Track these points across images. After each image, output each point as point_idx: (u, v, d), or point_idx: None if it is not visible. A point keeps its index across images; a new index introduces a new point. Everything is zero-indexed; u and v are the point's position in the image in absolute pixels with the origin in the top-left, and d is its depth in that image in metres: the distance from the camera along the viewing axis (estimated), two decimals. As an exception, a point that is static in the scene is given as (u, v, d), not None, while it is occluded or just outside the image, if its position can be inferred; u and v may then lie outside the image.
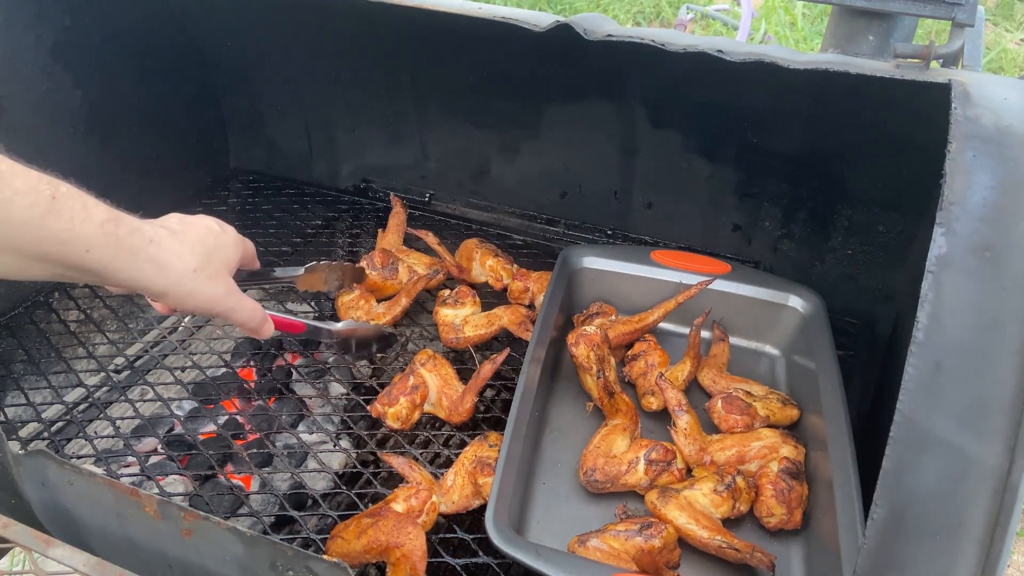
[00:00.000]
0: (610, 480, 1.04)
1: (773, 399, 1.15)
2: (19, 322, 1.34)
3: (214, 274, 0.90)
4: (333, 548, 0.96)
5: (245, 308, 0.96)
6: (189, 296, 0.87)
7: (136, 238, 0.80)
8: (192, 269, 0.86)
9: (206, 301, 0.89)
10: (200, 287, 0.88)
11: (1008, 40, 4.07)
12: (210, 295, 0.89)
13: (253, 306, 0.97)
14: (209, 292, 0.89)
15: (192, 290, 0.87)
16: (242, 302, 0.95)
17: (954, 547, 0.65)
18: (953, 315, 0.66)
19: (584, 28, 0.97)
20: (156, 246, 0.82)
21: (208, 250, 0.89)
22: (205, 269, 0.88)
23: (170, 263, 0.84)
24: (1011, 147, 0.72)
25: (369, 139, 1.65)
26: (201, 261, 0.88)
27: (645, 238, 1.50)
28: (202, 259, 0.88)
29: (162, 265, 0.83)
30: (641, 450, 1.04)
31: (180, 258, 0.85)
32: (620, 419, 1.10)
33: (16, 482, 0.89)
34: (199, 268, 0.87)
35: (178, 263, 0.85)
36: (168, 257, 0.84)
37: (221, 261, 0.92)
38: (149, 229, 0.83)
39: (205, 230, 0.91)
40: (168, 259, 0.84)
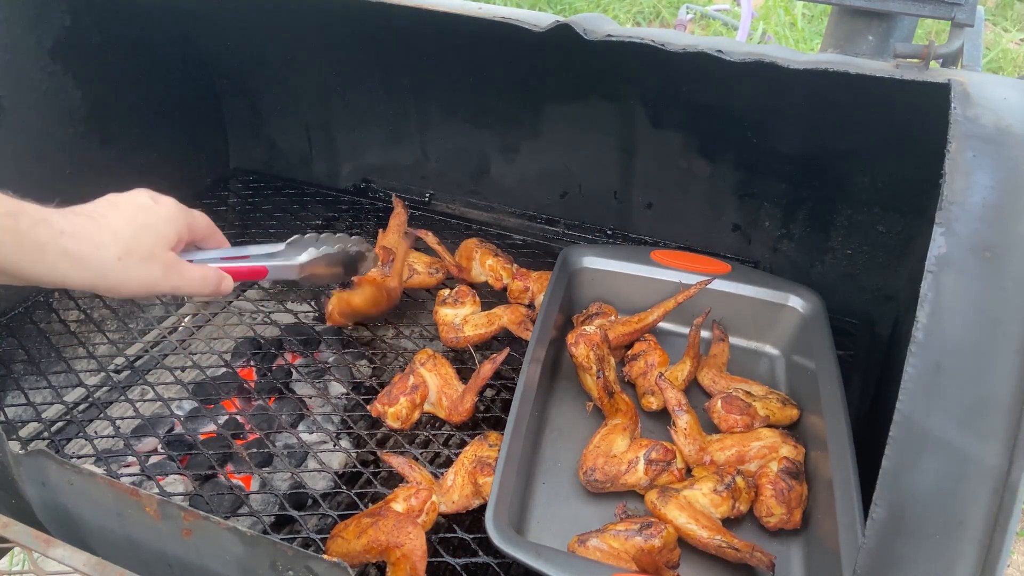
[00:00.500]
0: (610, 480, 1.04)
1: (773, 399, 1.15)
2: (19, 322, 1.34)
3: (146, 257, 0.82)
4: (333, 548, 0.96)
5: (191, 279, 0.88)
6: (121, 286, 0.80)
7: (41, 230, 0.73)
8: (116, 257, 0.78)
9: (141, 287, 0.82)
10: (130, 274, 0.80)
11: (1008, 40, 4.07)
12: (144, 280, 0.82)
13: (200, 272, 0.89)
14: (142, 277, 0.81)
15: (122, 280, 0.80)
16: (185, 276, 0.87)
17: (954, 547, 0.65)
18: (953, 315, 0.66)
19: (584, 28, 0.97)
20: (69, 237, 0.75)
21: (136, 231, 0.81)
22: (133, 254, 0.80)
23: (87, 254, 0.76)
24: (1011, 147, 0.72)
25: (369, 139, 1.65)
26: (127, 246, 0.80)
27: (645, 238, 1.50)
28: (128, 243, 0.80)
29: (78, 258, 0.76)
30: (641, 450, 1.04)
31: (99, 247, 0.77)
32: (620, 419, 1.10)
33: (16, 482, 0.89)
34: (125, 254, 0.79)
35: (97, 253, 0.77)
36: (84, 248, 0.76)
37: (153, 241, 0.83)
38: (60, 219, 0.75)
39: (134, 209, 0.83)
40: (84, 250, 0.76)
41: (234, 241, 1.02)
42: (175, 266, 0.86)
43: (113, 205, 0.82)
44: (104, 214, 0.80)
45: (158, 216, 0.85)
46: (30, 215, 0.73)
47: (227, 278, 0.94)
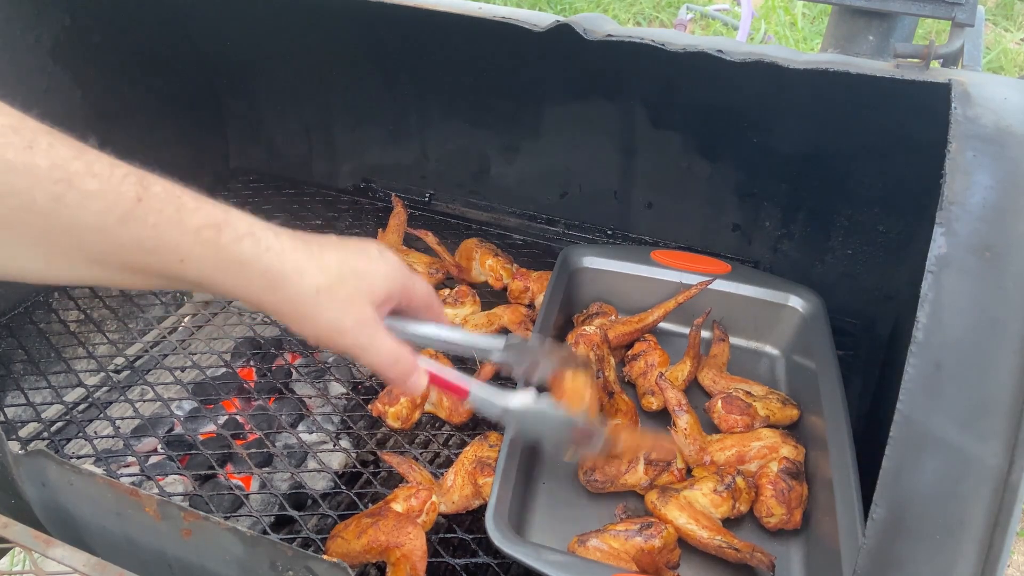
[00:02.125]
0: (610, 480, 1.04)
1: (773, 399, 1.15)
2: (19, 322, 1.34)
3: (345, 300, 0.73)
4: (333, 548, 0.96)
5: (382, 348, 0.76)
6: (307, 319, 0.72)
7: (246, 245, 0.68)
8: (316, 289, 0.71)
9: (328, 330, 0.73)
10: (321, 312, 0.72)
11: (1008, 40, 4.07)
12: (332, 323, 0.73)
13: (395, 349, 0.77)
14: (332, 320, 0.73)
15: (311, 313, 0.72)
16: (378, 341, 0.76)
17: (954, 547, 0.65)
18: (953, 315, 0.66)
19: (584, 28, 0.97)
20: (272, 255, 0.69)
21: (346, 272, 0.74)
22: (334, 291, 0.72)
23: (286, 277, 0.70)
24: (1011, 147, 0.72)
25: (369, 139, 1.65)
26: (329, 281, 0.72)
27: (645, 238, 1.50)
28: (332, 279, 0.72)
29: (276, 279, 0.69)
30: (640, 450, 1.04)
31: (301, 273, 0.70)
32: (620, 419, 1.10)
33: (16, 482, 0.89)
34: (325, 289, 0.71)
35: (296, 278, 0.70)
36: (285, 270, 0.70)
37: (360, 288, 0.75)
38: (268, 236, 0.70)
39: (354, 251, 0.76)
40: (284, 271, 0.70)
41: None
42: (370, 325, 0.75)
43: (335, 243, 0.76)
44: (321, 244, 0.74)
45: (376, 268, 0.77)
46: (235, 229, 0.68)
47: (422, 375, 0.79)
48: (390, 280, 0.78)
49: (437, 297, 0.84)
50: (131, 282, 0.66)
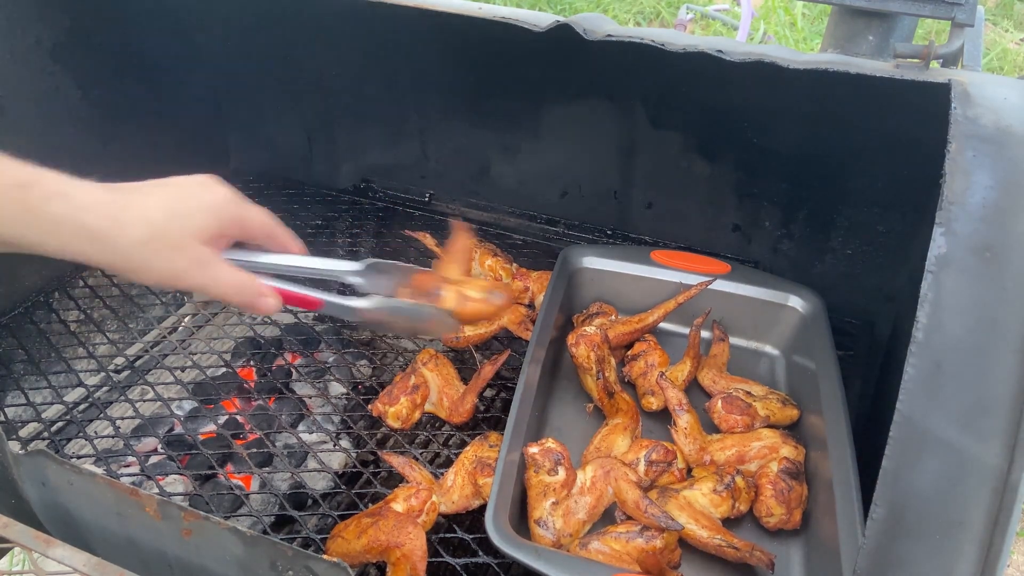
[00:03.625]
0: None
1: (773, 399, 1.15)
2: (19, 322, 1.34)
3: (173, 246, 0.75)
4: (333, 548, 0.96)
5: (224, 282, 0.79)
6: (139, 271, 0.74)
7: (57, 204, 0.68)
8: (140, 241, 0.72)
9: (166, 276, 0.75)
10: (151, 262, 0.74)
11: (1008, 40, 4.07)
12: (166, 271, 0.75)
13: (238, 279, 0.80)
14: (163, 267, 0.75)
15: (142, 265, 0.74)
16: (217, 276, 0.78)
17: (954, 547, 0.65)
18: (953, 315, 0.66)
19: (584, 28, 0.97)
20: (87, 212, 0.70)
21: (168, 217, 0.75)
22: (161, 239, 0.74)
23: (107, 233, 0.71)
24: (1011, 147, 0.72)
25: (369, 139, 1.65)
26: (152, 230, 0.73)
27: (645, 238, 1.50)
28: (154, 228, 0.73)
29: (95, 236, 0.70)
30: (642, 451, 1.04)
31: (121, 226, 0.72)
32: (620, 419, 1.10)
33: (16, 482, 0.89)
34: (148, 239, 0.73)
35: (118, 233, 0.71)
36: (105, 227, 0.71)
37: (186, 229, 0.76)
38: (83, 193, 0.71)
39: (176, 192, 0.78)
40: (104, 230, 0.71)
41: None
42: (205, 263, 0.77)
43: (158, 185, 0.77)
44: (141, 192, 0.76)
45: (199, 204, 0.78)
46: (46, 187, 0.69)
47: (272, 296, 0.83)
48: (220, 215, 0.79)
49: (280, 225, 0.85)
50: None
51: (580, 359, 1.15)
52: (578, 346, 1.15)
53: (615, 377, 1.19)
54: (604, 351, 1.16)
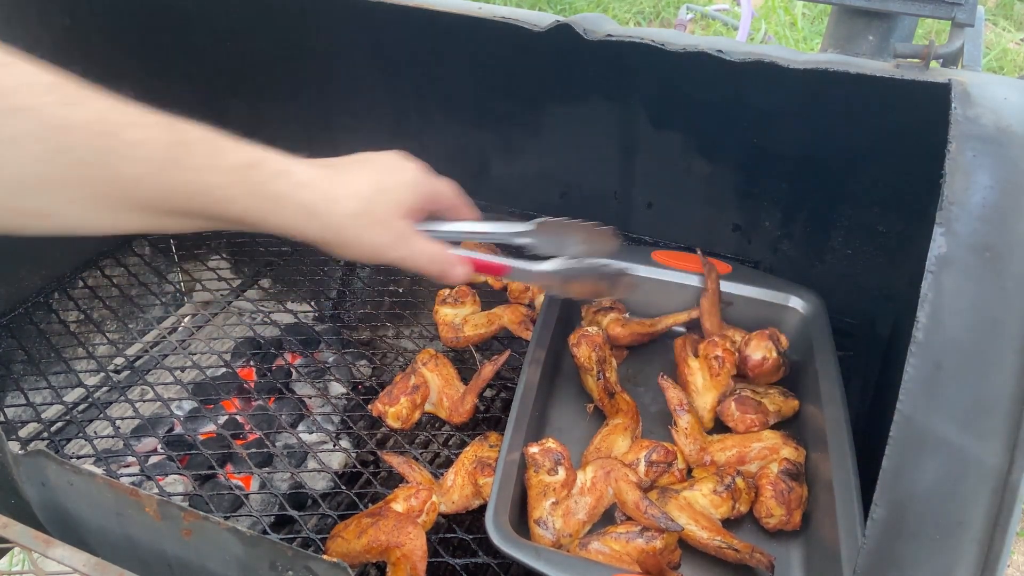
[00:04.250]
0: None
1: (775, 393, 1.16)
2: (19, 322, 1.34)
3: (379, 220, 0.79)
4: (333, 548, 0.96)
5: (420, 254, 0.83)
6: (351, 244, 0.78)
7: (280, 182, 0.73)
8: (350, 214, 0.77)
9: (371, 250, 0.80)
10: (361, 235, 0.78)
11: (1008, 40, 4.07)
12: (373, 244, 0.79)
13: (431, 250, 0.84)
14: (372, 241, 0.79)
15: (353, 238, 0.78)
16: (415, 249, 0.83)
17: (954, 547, 0.65)
18: (953, 315, 0.66)
19: (584, 28, 0.97)
20: (306, 189, 0.74)
21: (374, 193, 0.79)
22: (368, 214, 0.78)
23: (323, 209, 0.75)
24: (1011, 147, 0.72)
25: (369, 139, 1.64)
26: (362, 205, 0.78)
27: (645, 238, 1.50)
28: (364, 203, 0.78)
29: (312, 212, 0.75)
30: (642, 451, 1.04)
31: (335, 202, 0.76)
32: (621, 419, 1.10)
33: (16, 482, 0.89)
34: (360, 213, 0.77)
35: (332, 207, 0.76)
36: (320, 201, 0.75)
37: (390, 205, 0.81)
38: (301, 170, 0.75)
39: (379, 169, 0.83)
40: (320, 204, 0.75)
41: (233, 242, 1.00)
42: (406, 236, 0.82)
43: (361, 162, 0.82)
44: (349, 169, 0.80)
45: (400, 180, 0.83)
46: (270, 167, 0.73)
47: (462, 264, 0.88)
48: (417, 190, 0.84)
49: (462, 195, 0.90)
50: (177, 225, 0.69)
51: (581, 359, 1.15)
52: (579, 346, 1.15)
53: (616, 377, 1.19)
54: (605, 351, 1.16)
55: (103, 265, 1.48)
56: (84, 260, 1.47)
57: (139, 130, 0.64)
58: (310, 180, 0.75)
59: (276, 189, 0.72)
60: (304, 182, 0.75)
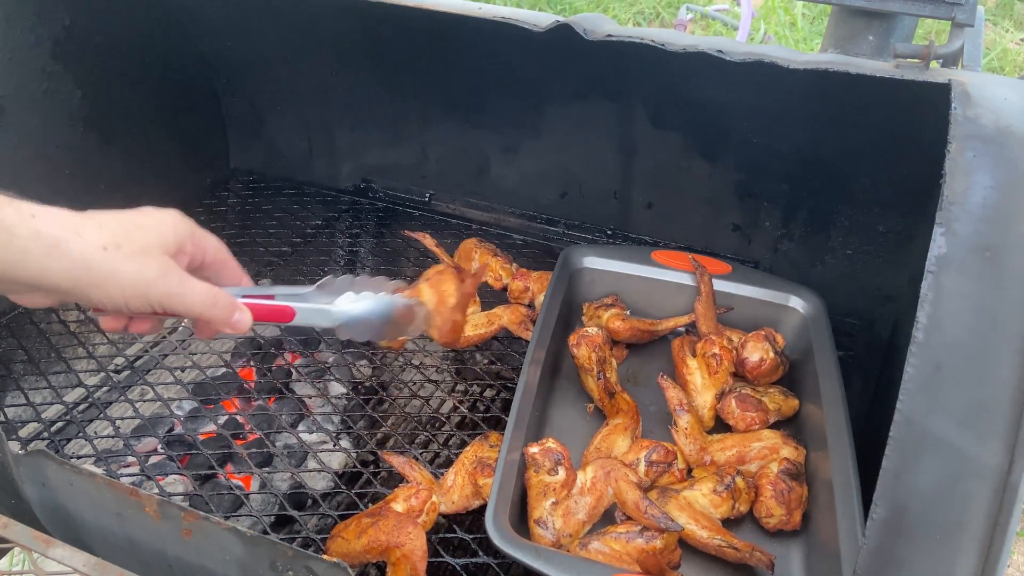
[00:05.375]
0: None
1: (775, 392, 1.16)
2: (19, 322, 1.34)
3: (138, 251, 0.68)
4: (333, 548, 0.96)
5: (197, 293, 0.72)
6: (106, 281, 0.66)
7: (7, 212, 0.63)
8: (101, 246, 0.66)
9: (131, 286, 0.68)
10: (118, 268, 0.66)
11: (1008, 40, 4.07)
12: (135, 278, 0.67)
13: (208, 290, 0.73)
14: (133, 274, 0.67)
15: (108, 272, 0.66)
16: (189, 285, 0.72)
17: (954, 547, 0.65)
18: (953, 315, 0.66)
19: (584, 28, 0.97)
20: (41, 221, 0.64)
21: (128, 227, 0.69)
22: (123, 246, 0.67)
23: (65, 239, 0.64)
24: (1011, 147, 0.72)
25: (369, 139, 1.65)
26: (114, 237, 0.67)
27: (645, 238, 1.50)
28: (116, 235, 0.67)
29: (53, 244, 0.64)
30: (642, 451, 1.04)
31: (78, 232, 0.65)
32: (621, 419, 1.10)
33: (16, 482, 0.89)
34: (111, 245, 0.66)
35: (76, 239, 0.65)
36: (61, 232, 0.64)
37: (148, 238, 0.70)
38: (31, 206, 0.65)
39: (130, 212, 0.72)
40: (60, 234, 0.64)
41: (233, 242, 0.99)
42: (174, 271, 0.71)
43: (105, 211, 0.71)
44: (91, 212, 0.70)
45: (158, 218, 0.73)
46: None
47: (243, 310, 0.77)
48: (176, 228, 0.73)
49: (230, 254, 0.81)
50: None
51: (581, 359, 1.15)
52: (579, 346, 1.15)
53: (616, 378, 1.19)
54: (606, 351, 1.16)
55: (103, 265, 1.48)
56: (84, 260, 1.47)
57: None
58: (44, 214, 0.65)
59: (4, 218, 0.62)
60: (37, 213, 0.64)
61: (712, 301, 1.26)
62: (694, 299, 1.27)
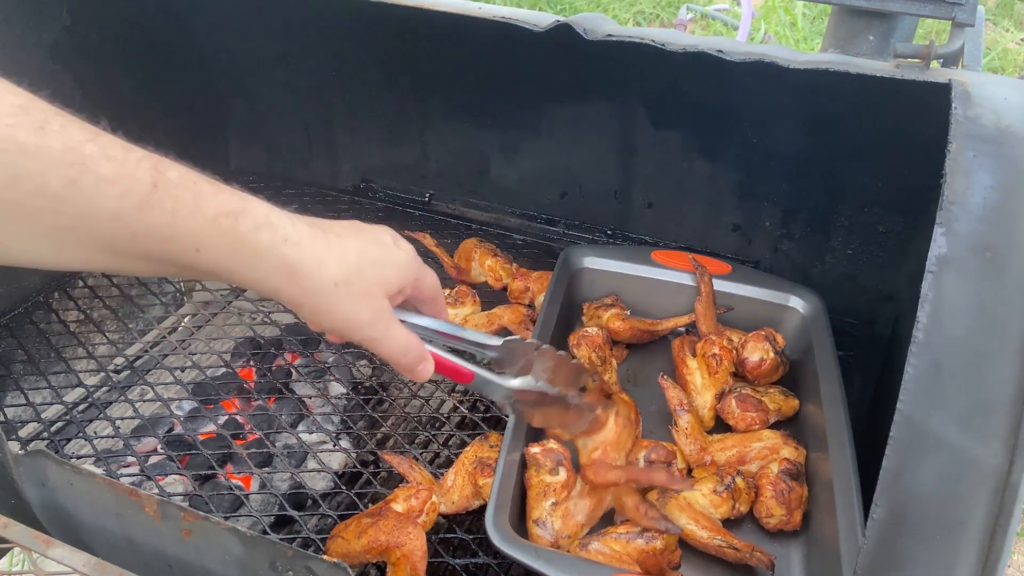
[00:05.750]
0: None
1: (775, 392, 1.16)
2: (19, 322, 1.34)
3: (361, 293, 0.73)
4: (333, 548, 0.96)
5: (394, 340, 0.77)
6: (325, 313, 0.72)
7: (264, 235, 0.66)
8: (333, 282, 0.70)
9: (344, 323, 0.73)
10: (340, 305, 0.71)
11: (1008, 40, 4.07)
12: (350, 317, 0.72)
13: (406, 340, 0.78)
14: (350, 313, 0.72)
15: (329, 306, 0.71)
16: (390, 332, 0.76)
17: (954, 547, 0.65)
18: (953, 315, 0.66)
19: (584, 28, 0.97)
20: (290, 247, 0.68)
21: (363, 264, 0.73)
22: (352, 285, 0.71)
23: (305, 269, 0.68)
24: (1011, 147, 0.72)
25: (369, 139, 1.65)
26: (347, 274, 0.71)
27: (645, 238, 1.50)
28: (350, 272, 0.71)
29: (294, 271, 0.68)
30: (641, 451, 1.04)
31: (320, 265, 0.69)
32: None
33: (16, 482, 0.89)
34: (343, 282, 0.70)
35: (316, 271, 0.69)
36: (304, 262, 0.68)
37: (376, 280, 0.74)
38: (286, 225, 0.69)
39: (370, 240, 0.76)
40: (304, 265, 0.68)
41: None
42: (383, 317, 0.75)
43: (353, 229, 0.76)
44: (339, 234, 0.73)
45: (391, 258, 0.76)
46: (254, 218, 0.67)
47: (429, 361, 0.81)
48: (404, 271, 0.78)
49: (442, 292, 0.85)
50: (142, 269, 0.65)
51: (581, 360, 1.14)
52: (579, 347, 1.15)
53: (616, 378, 1.19)
54: (606, 351, 1.16)
55: (103, 265, 1.48)
56: (84, 260, 1.47)
57: (115, 165, 0.59)
58: (297, 238, 0.69)
59: (257, 242, 0.66)
60: (289, 238, 0.68)
61: (712, 301, 1.26)
62: (694, 299, 1.27)
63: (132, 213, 0.59)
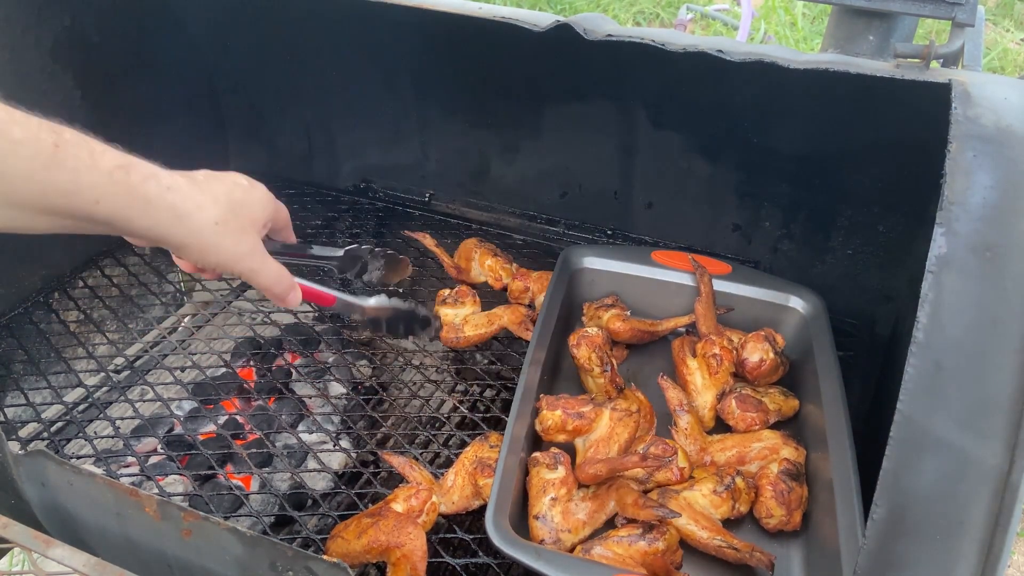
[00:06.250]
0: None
1: (775, 392, 1.16)
2: (19, 322, 1.34)
3: (238, 229, 0.83)
4: (333, 548, 0.96)
5: (269, 271, 0.88)
6: (210, 250, 0.81)
7: (150, 185, 0.74)
8: (214, 221, 0.80)
9: (228, 257, 0.83)
10: (222, 241, 0.81)
11: (1008, 40, 4.07)
12: (232, 251, 0.83)
13: (279, 270, 0.89)
14: (231, 248, 0.82)
15: (213, 244, 0.80)
16: (266, 264, 0.87)
17: (954, 547, 0.65)
18: (953, 315, 0.66)
19: (584, 28, 0.97)
20: (174, 193, 0.76)
21: (233, 203, 0.83)
22: (229, 223, 0.82)
23: (189, 212, 0.78)
24: (1011, 147, 0.72)
25: (369, 139, 1.65)
26: (224, 213, 0.81)
27: (645, 238, 1.50)
28: (225, 211, 0.81)
29: (180, 214, 0.77)
30: (641, 446, 1.04)
31: (200, 208, 0.79)
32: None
33: (16, 482, 0.89)
34: (222, 221, 0.81)
35: (198, 213, 0.78)
36: (187, 206, 0.77)
37: (247, 217, 0.85)
38: (167, 176, 0.77)
39: (232, 184, 0.85)
40: (187, 208, 0.77)
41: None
42: (259, 250, 0.87)
43: (213, 177, 0.84)
44: (206, 181, 0.82)
45: (254, 197, 0.88)
46: (141, 170, 0.74)
47: (296, 290, 0.92)
48: (267, 207, 0.89)
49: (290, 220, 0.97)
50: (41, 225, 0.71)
51: (581, 360, 1.14)
52: (579, 347, 1.15)
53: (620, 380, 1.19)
54: (606, 351, 1.16)
55: (103, 265, 1.48)
56: (84, 260, 1.47)
57: (23, 129, 0.65)
58: (177, 186, 0.77)
59: (147, 191, 0.74)
60: (172, 186, 0.77)
61: (712, 301, 1.26)
62: (694, 299, 1.27)
63: (40, 172, 0.66)
